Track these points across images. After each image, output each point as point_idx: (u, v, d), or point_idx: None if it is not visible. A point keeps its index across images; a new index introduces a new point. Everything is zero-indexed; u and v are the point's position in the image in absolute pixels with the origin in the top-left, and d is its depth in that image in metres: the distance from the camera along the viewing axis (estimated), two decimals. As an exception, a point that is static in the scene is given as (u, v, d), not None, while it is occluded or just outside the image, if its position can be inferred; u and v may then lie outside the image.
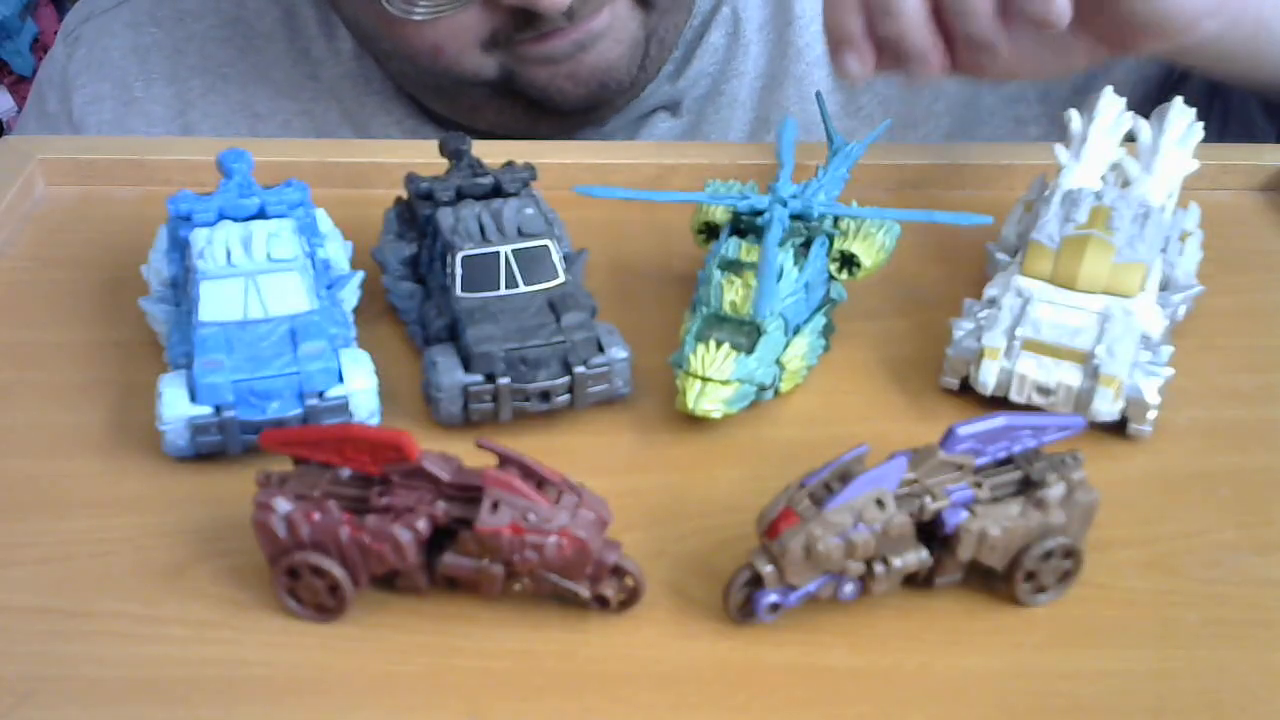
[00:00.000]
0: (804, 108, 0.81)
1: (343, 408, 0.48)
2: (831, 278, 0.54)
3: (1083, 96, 0.62)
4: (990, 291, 0.53)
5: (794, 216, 0.53)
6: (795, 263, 0.51)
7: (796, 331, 0.52)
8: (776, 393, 0.51)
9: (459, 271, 0.51)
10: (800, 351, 0.51)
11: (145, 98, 0.82)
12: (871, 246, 0.54)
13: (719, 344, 0.49)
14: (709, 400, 0.48)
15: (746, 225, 0.54)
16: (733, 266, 0.51)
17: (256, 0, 0.83)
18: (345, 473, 0.42)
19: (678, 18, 0.77)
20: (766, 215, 0.52)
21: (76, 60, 0.83)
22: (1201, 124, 0.60)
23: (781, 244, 0.52)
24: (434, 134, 0.79)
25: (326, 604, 0.42)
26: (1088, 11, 0.56)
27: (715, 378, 0.48)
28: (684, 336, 0.50)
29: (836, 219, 0.55)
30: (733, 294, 0.50)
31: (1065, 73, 0.61)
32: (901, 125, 0.80)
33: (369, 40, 0.76)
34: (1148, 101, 0.76)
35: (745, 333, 0.50)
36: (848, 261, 0.54)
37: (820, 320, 0.53)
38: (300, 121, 0.81)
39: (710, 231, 0.56)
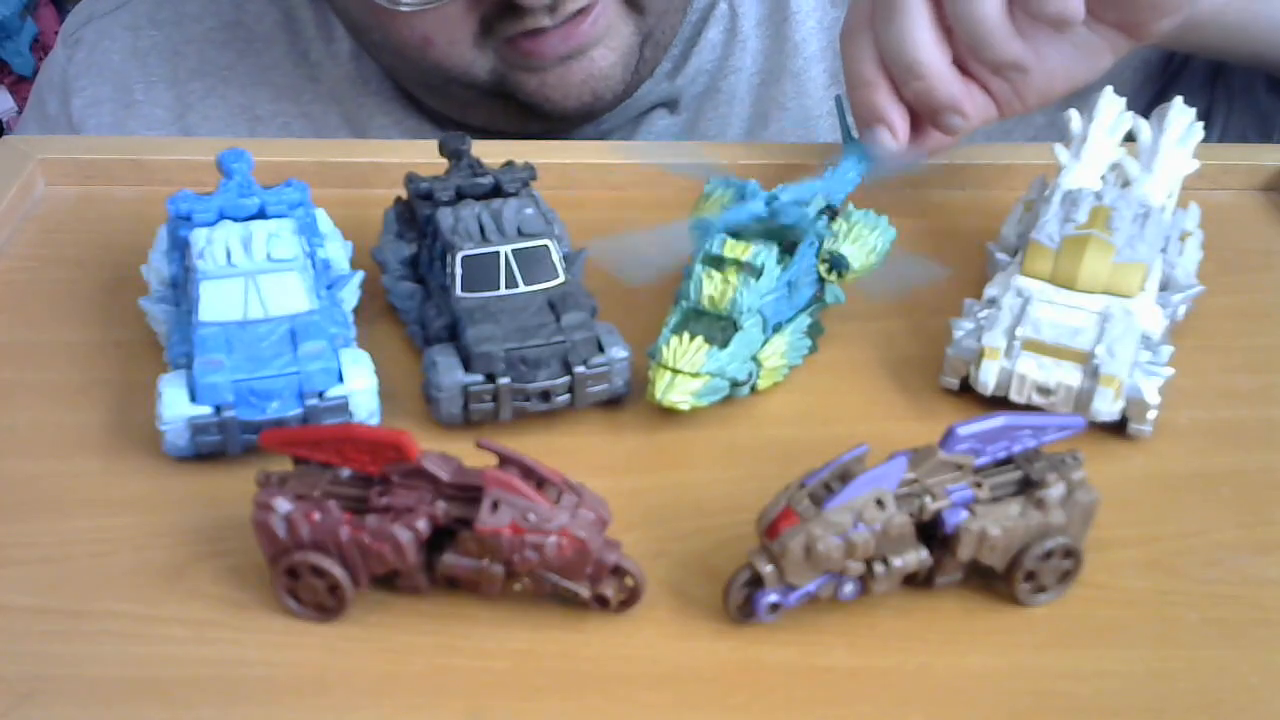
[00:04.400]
0: (801, 103, 0.81)
1: (343, 408, 0.48)
2: (820, 279, 0.54)
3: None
4: (990, 291, 0.53)
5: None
6: (779, 261, 0.51)
7: (777, 329, 0.52)
8: (753, 389, 0.51)
9: (459, 271, 0.51)
10: (779, 349, 0.51)
11: (145, 101, 0.82)
12: (862, 249, 0.54)
13: (692, 337, 0.49)
14: (677, 392, 0.49)
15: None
16: (715, 262, 0.51)
17: (256, 3, 0.83)
18: (345, 473, 0.42)
19: (673, 19, 0.77)
20: (783, 218, 0.52)
21: (76, 63, 0.83)
22: (1201, 124, 0.60)
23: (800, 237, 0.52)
24: (433, 134, 0.79)
25: (326, 604, 0.42)
26: (1097, 4, 0.56)
27: (685, 370, 0.49)
28: (663, 329, 0.51)
29: (831, 219, 0.55)
30: (711, 289, 0.50)
31: (1094, 74, 0.61)
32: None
33: (360, 32, 0.76)
34: (1149, 90, 0.76)
35: (721, 327, 0.50)
36: (836, 263, 0.54)
37: (805, 320, 0.53)
38: (300, 124, 0.81)
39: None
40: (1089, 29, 0.58)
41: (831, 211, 0.56)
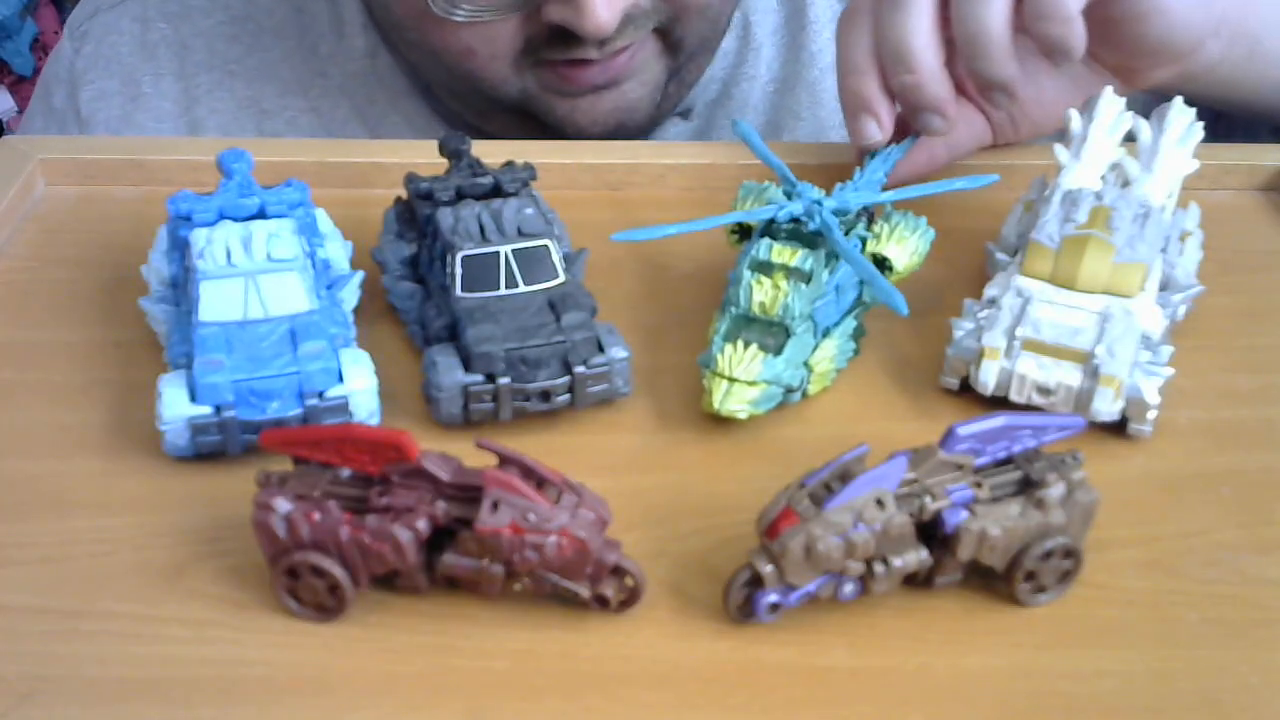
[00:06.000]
0: (815, 113, 0.80)
1: (343, 408, 0.48)
2: (862, 281, 0.54)
3: None
4: (990, 291, 0.53)
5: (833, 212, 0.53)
6: (825, 265, 0.51)
7: (826, 334, 0.52)
8: (804, 395, 0.51)
9: (459, 271, 0.51)
10: (829, 354, 0.51)
11: (153, 93, 0.82)
12: (904, 250, 0.54)
13: (746, 344, 0.49)
14: (735, 401, 0.48)
15: (778, 227, 0.53)
16: (763, 268, 0.51)
17: None
18: (345, 473, 0.42)
19: (702, 61, 0.77)
20: (816, 221, 0.52)
21: (84, 56, 0.83)
22: (1201, 124, 0.60)
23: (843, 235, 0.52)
24: (443, 133, 0.80)
25: (326, 604, 0.42)
26: (1097, 44, 0.56)
27: (742, 378, 0.48)
28: (712, 337, 0.50)
29: (870, 223, 0.55)
30: (762, 295, 0.50)
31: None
32: None
33: (393, 29, 0.76)
34: None
35: (773, 334, 0.49)
36: (880, 265, 0.54)
37: (850, 323, 0.53)
38: (308, 119, 0.81)
39: (743, 232, 0.56)
40: (1087, 68, 0.59)
41: (869, 213, 0.56)
